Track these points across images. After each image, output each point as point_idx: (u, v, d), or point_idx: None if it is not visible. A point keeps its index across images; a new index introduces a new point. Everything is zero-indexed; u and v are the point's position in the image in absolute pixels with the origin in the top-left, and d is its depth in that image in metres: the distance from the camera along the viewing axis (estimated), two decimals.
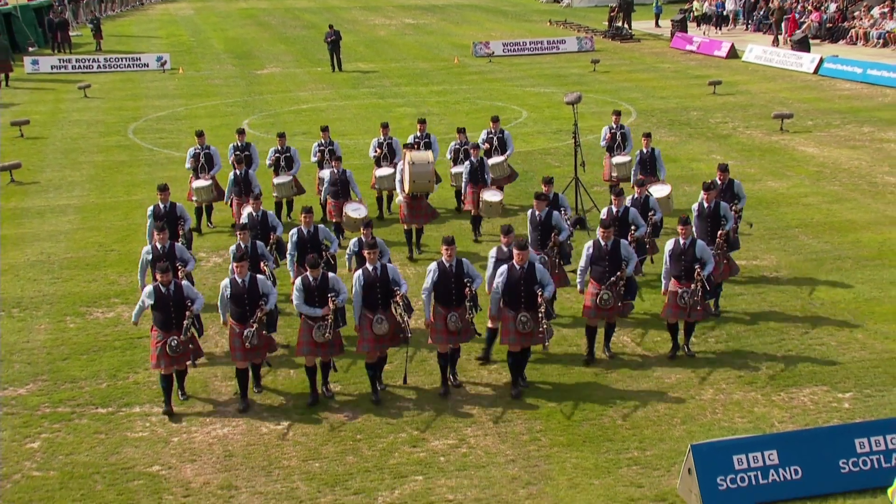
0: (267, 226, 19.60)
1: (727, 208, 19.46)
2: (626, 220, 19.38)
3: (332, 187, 23.62)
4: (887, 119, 37.20)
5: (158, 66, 54.76)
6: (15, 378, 18.16)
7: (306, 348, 16.30)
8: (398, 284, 16.25)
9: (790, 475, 13.75)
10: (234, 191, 23.55)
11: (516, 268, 16.25)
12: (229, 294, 16.02)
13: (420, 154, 23.10)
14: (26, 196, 30.11)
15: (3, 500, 14.29)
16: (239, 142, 25.85)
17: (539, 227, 19.07)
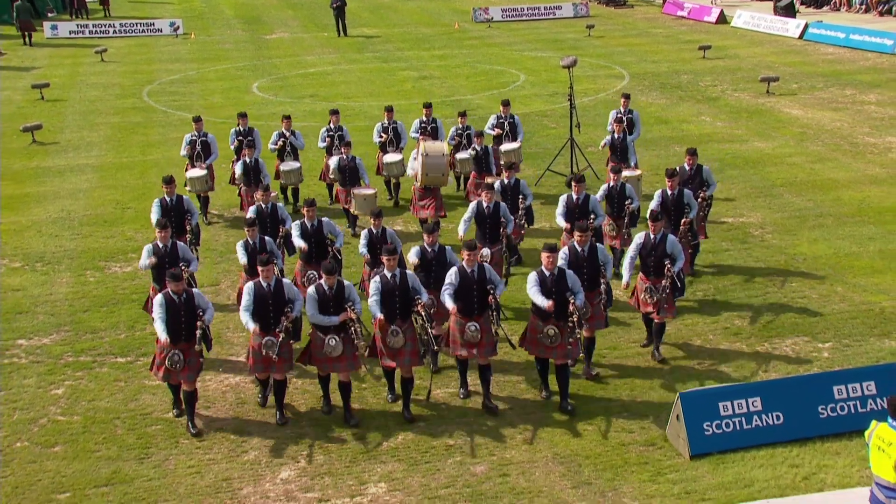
0: (276, 219, 17.86)
1: (690, 195, 18.07)
2: (587, 208, 17.54)
3: (341, 174, 21.78)
4: (868, 82, 37.13)
5: (171, 32, 54.63)
6: (39, 329, 18.27)
7: (323, 365, 14.43)
8: (418, 293, 14.27)
9: (772, 421, 13.85)
10: (243, 180, 21.84)
11: (467, 271, 14.34)
12: (252, 299, 14.00)
13: (434, 145, 21.28)
14: (47, 156, 30.11)
15: (31, 443, 14.42)
16: (241, 126, 23.65)
17: (487, 221, 17.42)
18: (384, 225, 16.76)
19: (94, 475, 13.58)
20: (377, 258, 15.94)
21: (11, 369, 16.71)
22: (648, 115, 32.88)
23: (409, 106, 35.44)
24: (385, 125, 23.84)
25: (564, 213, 17.59)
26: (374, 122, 32.35)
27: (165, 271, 14.70)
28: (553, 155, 26.11)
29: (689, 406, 13.56)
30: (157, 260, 15.73)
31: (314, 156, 26.41)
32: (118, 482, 13.35)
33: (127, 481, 13.36)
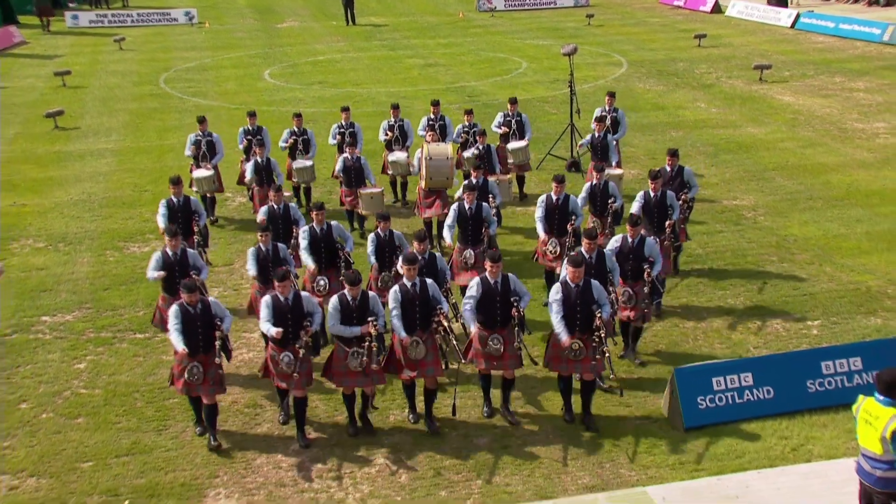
0: (289, 220, 16.65)
1: (674, 197, 16.87)
2: (567, 209, 16.57)
3: (346, 175, 20.39)
4: (856, 70, 37.08)
5: (187, 21, 54.65)
6: (62, 306, 18.33)
7: (345, 380, 13.30)
8: (439, 302, 13.28)
9: (763, 395, 13.91)
10: (254, 179, 20.45)
11: (490, 282, 13.31)
12: (270, 314, 12.96)
13: (438, 148, 19.79)
14: (69, 140, 30.13)
15: (56, 415, 14.50)
16: (250, 125, 22.28)
17: (469, 222, 16.40)
18: (391, 228, 15.74)
19: (115, 445, 13.67)
20: (385, 262, 15.43)
21: (36, 345, 16.80)
22: (646, 102, 32.96)
23: (415, 92, 35.57)
24: (391, 123, 22.48)
25: (544, 215, 16.60)
26: (381, 107, 32.59)
27: (175, 280, 14.28)
28: (554, 140, 26.13)
29: (684, 381, 13.64)
30: (166, 272, 14.59)
31: (327, 152, 25.43)
32: (138, 452, 13.44)
33: (146, 451, 13.46)
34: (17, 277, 19.53)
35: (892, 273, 18.76)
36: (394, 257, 15.14)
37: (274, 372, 13.30)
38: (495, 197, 18.07)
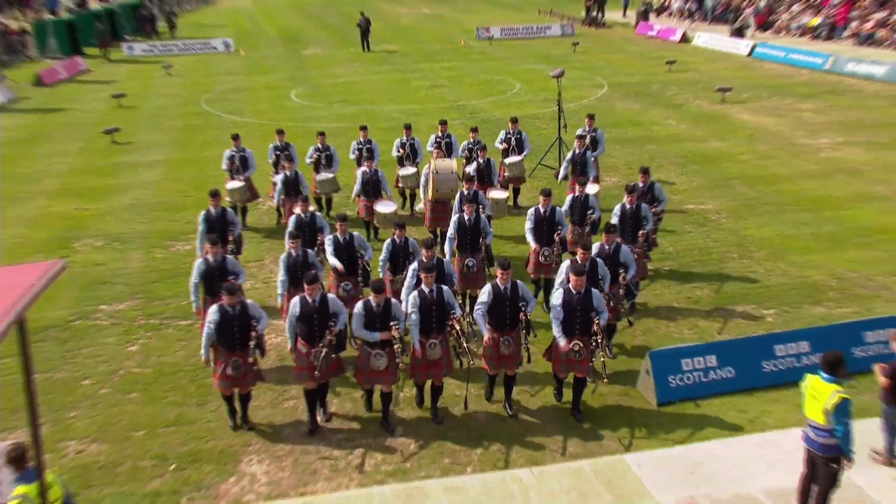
0: (315, 228, 16.19)
1: (648, 210, 16.46)
2: (554, 220, 16.15)
3: (364, 186, 19.84)
4: (804, 93, 37.05)
5: (225, 49, 54.71)
6: (117, 296, 18.43)
7: (366, 378, 13.00)
8: (453, 307, 12.87)
9: (725, 374, 14.02)
10: (282, 191, 19.93)
11: (500, 288, 12.90)
12: (298, 313, 12.63)
13: (444, 163, 19.45)
14: (123, 153, 30.19)
15: (113, 390, 14.60)
16: (279, 142, 21.69)
17: (468, 233, 15.85)
18: (406, 235, 15.31)
19: (163, 417, 13.77)
20: (398, 266, 15.00)
21: (95, 330, 16.90)
22: (624, 119, 32.97)
23: (422, 110, 35.60)
24: (403, 141, 22.04)
25: (533, 227, 16.07)
26: (394, 123, 32.70)
27: (216, 283, 13.92)
28: (544, 151, 26.16)
29: (657, 363, 13.74)
30: (207, 282, 14.23)
31: (347, 166, 24.38)
32: (182, 423, 13.54)
33: (190, 422, 13.55)
34: (79, 272, 19.58)
35: (834, 268, 18.83)
36: (407, 262, 14.79)
37: (300, 366, 12.90)
38: (484, 207, 17.50)
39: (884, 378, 11.64)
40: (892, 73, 38.39)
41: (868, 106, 34.34)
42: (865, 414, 12.57)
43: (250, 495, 11.83)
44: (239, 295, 12.56)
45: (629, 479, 11.83)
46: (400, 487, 11.73)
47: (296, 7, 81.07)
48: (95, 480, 12.26)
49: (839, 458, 10.23)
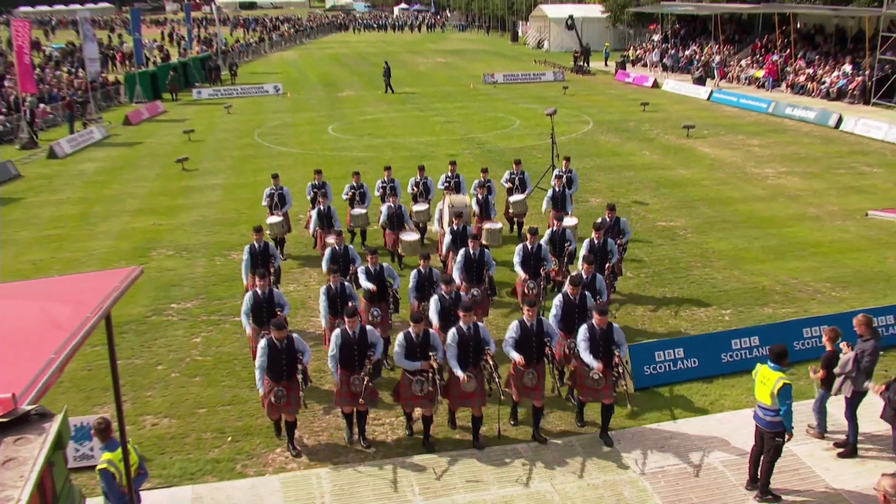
0: (348, 259, 15.39)
1: (613, 244, 15.74)
2: (540, 256, 15.27)
3: (389, 220, 19.15)
4: (752, 132, 36.95)
5: (275, 92, 54.86)
6: (184, 296, 18.56)
7: (408, 402, 12.17)
8: (488, 343, 11.87)
9: (690, 364, 14.04)
10: (317, 223, 19.11)
11: (527, 324, 11.87)
12: (339, 344, 11.79)
13: (458, 198, 19.07)
14: (191, 178, 30.38)
15: (180, 374, 14.69)
16: (316, 180, 20.75)
17: (473, 265, 14.94)
18: (430, 266, 14.47)
19: (221, 397, 13.86)
20: (424, 294, 14.01)
21: (167, 324, 17.02)
22: (607, 150, 32.97)
23: (438, 141, 35.67)
24: (417, 180, 21.05)
25: (521, 262, 15.19)
26: (414, 152, 32.82)
27: (264, 314, 13.31)
28: (539, 176, 26.19)
29: (634, 355, 13.75)
30: (255, 313, 13.42)
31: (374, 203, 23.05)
32: (237, 402, 13.63)
33: (243, 402, 13.63)
34: (155, 276, 19.72)
35: (779, 276, 18.81)
36: (432, 290, 13.86)
37: (342, 394, 11.98)
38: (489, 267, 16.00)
39: (822, 370, 11.69)
40: (821, 116, 38.64)
41: (803, 143, 34.28)
42: (802, 397, 12.73)
43: (293, 464, 11.89)
44: (286, 330, 11.70)
45: (611, 454, 11.93)
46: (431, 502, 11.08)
47: (333, 59, 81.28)
48: (167, 448, 12.35)
49: (783, 433, 10.34)
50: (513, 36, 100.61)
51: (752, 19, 59.30)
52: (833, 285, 18.20)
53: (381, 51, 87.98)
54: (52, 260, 21.38)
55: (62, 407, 7.25)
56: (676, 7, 62.63)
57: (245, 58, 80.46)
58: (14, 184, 30.49)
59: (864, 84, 42.90)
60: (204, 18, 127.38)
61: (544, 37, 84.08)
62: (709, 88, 48.89)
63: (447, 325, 12.58)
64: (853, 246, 20.87)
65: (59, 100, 46.43)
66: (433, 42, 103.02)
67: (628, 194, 26.04)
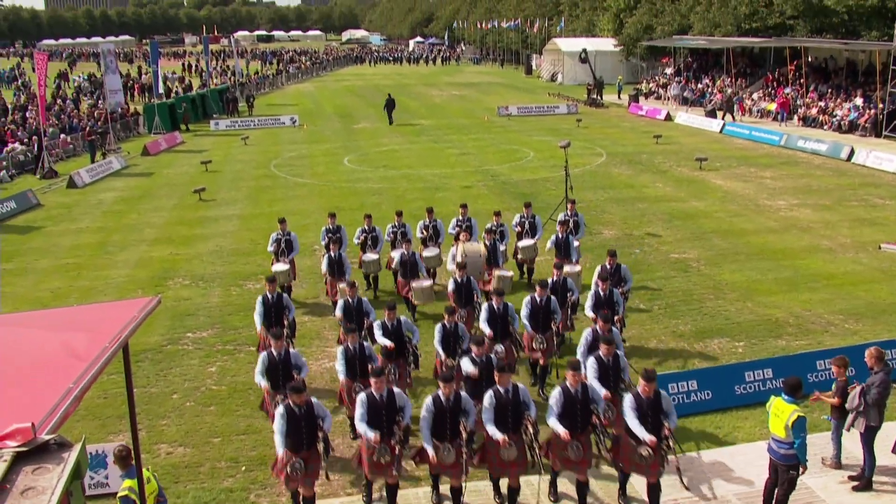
0: (362, 312, 14.45)
1: (618, 294, 14.98)
2: (549, 309, 14.36)
3: (402, 267, 18.26)
4: (764, 164, 36.95)
5: (291, 124, 55.21)
6: (200, 325, 18.61)
7: (437, 469, 10.95)
8: (528, 407, 10.60)
9: (704, 396, 13.95)
10: (328, 270, 18.11)
11: (571, 391, 10.64)
12: (366, 410, 10.55)
13: (472, 246, 18.02)
14: (208, 208, 30.55)
15: (196, 403, 14.72)
16: (330, 224, 19.64)
17: (498, 319, 13.96)
18: (456, 321, 13.56)
19: (236, 427, 13.87)
20: (450, 350, 13.12)
21: (182, 353, 17.06)
22: (620, 182, 33.01)
23: (452, 173, 35.78)
24: (426, 223, 20.05)
25: (530, 315, 14.34)
26: (429, 184, 32.92)
27: (280, 377, 12.19)
28: (553, 208, 26.23)
29: None
30: (271, 376, 12.30)
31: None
32: (251, 432, 13.62)
33: (257, 432, 13.61)
34: (171, 305, 19.77)
35: (792, 308, 18.73)
36: (458, 346, 13.12)
37: (367, 463, 10.82)
38: (477, 294, 15.86)
39: (837, 398, 11.64)
40: (833, 149, 38.63)
41: (815, 175, 34.23)
42: (816, 429, 12.60)
43: None
44: (305, 394, 10.53)
45: None
46: None
47: (349, 91, 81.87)
48: (181, 477, 12.35)
49: (797, 465, 10.29)
50: (527, 69, 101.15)
51: (764, 53, 59.48)
52: (846, 317, 18.11)
53: (397, 83, 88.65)
54: (70, 288, 21.52)
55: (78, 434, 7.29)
56: (689, 41, 62.89)
57: (262, 90, 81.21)
58: (34, 212, 30.77)
59: (876, 117, 42.92)
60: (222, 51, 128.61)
61: (558, 70, 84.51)
62: (721, 121, 48.92)
63: (479, 387, 11.64)
64: (866, 278, 20.78)
65: (78, 130, 46.94)
66: (448, 75, 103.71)
67: (641, 226, 26.04)
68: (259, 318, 14.64)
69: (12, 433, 4.94)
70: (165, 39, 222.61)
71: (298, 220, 27.66)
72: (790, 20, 55.10)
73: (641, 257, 22.72)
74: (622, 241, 24.16)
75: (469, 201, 22.72)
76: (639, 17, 73.15)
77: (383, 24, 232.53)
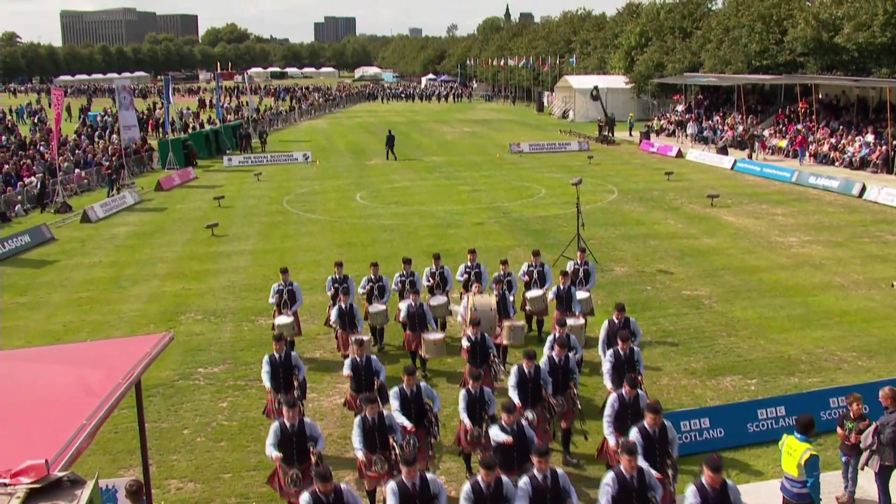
0: (371, 371, 13.59)
1: (640, 353, 13.82)
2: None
3: (410, 320, 17.07)
4: (776, 200, 36.96)
5: (304, 160, 55.56)
6: (212, 361, 18.64)
7: None
8: (569, 495, 9.45)
9: (717, 434, 13.87)
10: (338, 323, 17.19)
11: (626, 476, 9.37)
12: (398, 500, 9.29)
13: (483, 299, 16.88)
14: (221, 244, 30.67)
15: (206, 438, 14.71)
16: (337, 274, 18.65)
17: (529, 384, 12.69)
18: (482, 385, 12.34)
19: (247, 462, 13.85)
20: (476, 417, 12.05)
21: (193, 388, 17.09)
22: (631, 219, 33.02)
23: (464, 209, 35.88)
24: (432, 271, 19.14)
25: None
26: (440, 220, 33.01)
27: (293, 451, 11.26)
28: (565, 245, 26.25)
29: None
30: (284, 448, 11.23)
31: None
32: (262, 468, 13.52)
33: (268, 468, 13.41)
34: (183, 340, 19.81)
35: (804, 345, 18.65)
36: (483, 412, 12.06)
37: None
38: (493, 352, 14.78)
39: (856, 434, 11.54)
40: (844, 186, 38.69)
41: (827, 212, 34.23)
42: (830, 468, 12.54)
43: None
44: (332, 483, 9.24)
45: None
46: None
47: (362, 127, 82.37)
48: None
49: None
50: (538, 106, 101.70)
51: (775, 90, 59.74)
52: (859, 354, 18.02)
53: (409, 120, 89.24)
54: (82, 322, 21.62)
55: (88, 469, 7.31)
56: (699, 79, 63.21)
57: (275, 126, 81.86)
58: (48, 246, 31.00)
59: (887, 153, 42.96)
60: (236, 87, 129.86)
61: (569, 107, 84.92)
62: (732, 158, 48.99)
63: (509, 461, 10.67)
64: (879, 315, 20.69)
65: (93, 165, 47.40)
66: (460, 112, 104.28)
67: (653, 263, 26.02)
68: (268, 379, 13.72)
69: (26, 469, 4.98)
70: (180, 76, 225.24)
71: (310, 256, 27.81)
72: (801, 57, 55.44)
73: (653, 294, 22.70)
74: (634, 278, 24.15)
75: (480, 238, 22.75)
76: (650, 55, 73.68)
77: (396, 61, 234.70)
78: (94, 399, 5.82)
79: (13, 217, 37.11)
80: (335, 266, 19.02)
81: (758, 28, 58.70)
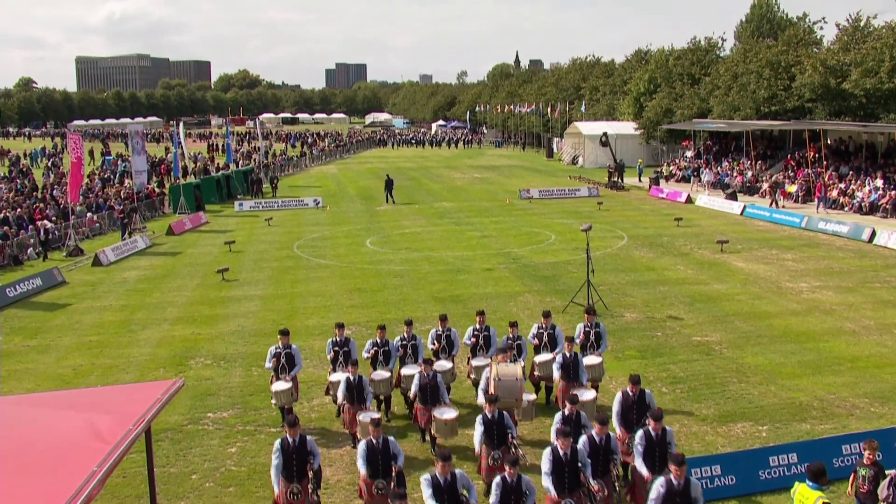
0: (388, 455, 12.18)
1: (651, 396, 13.82)
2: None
3: (422, 392, 15.38)
4: (786, 246, 36.97)
5: (314, 205, 55.89)
6: (221, 406, 18.61)
7: None
8: None
9: (728, 482, 13.76)
10: (346, 396, 15.43)
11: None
12: None
13: (507, 368, 14.68)
14: (231, 288, 30.74)
15: (215, 484, 14.63)
16: (338, 336, 17.14)
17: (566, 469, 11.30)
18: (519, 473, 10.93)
19: None
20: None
21: (202, 433, 17.03)
22: (641, 265, 33.01)
23: (474, 255, 35.91)
24: (439, 333, 17.66)
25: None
26: (450, 266, 33.05)
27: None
28: (575, 291, 26.24)
29: None
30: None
31: None
32: None
33: None
34: (192, 385, 19.79)
35: (816, 391, 18.54)
36: (521, 501, 10.83)
37: None
38: (512, 433, 13.28)
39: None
40: (854, 231, 38.77)
41: (837, 257, 34.20)
42: None
43: None
44: None
45: None
46: None
47: (372, 173, 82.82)
48: None
49: None
50: (548, 152, 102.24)
51: (783, 135, 60.01)
52: (871, 400, 17.90)
53: (419, 165, 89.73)
54: (92, 366, 21.65)
55: None
56: (708, 125, 63.54)
57: (286, 171, 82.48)
58: (59, 290, 31.14)
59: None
60: (248, 133, 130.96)
61: (579, 153, 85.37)
62: (741, 203, 49.08)
63: None
64: (891, 360, 20.57)
65: (105, 209, 47.77)
66: (470, 157, 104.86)
67: (663, 309, 25.97)
68: (276, 474, 12.20)
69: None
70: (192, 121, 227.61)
71: (320, 301, 27.83)
72: (809, 103, 55.75)
73: (663, 340, 22.64)
74: (644, 324, 24.10)
75: (490, 284, 22.74)
76: (659, 101, 74.18)
77: (406, 107, 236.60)
78: (105, 445, 5.84)
79: (25, 260, 37.37)
80: (336, 328, 17.49)
81: (766, 74, 59.16)
